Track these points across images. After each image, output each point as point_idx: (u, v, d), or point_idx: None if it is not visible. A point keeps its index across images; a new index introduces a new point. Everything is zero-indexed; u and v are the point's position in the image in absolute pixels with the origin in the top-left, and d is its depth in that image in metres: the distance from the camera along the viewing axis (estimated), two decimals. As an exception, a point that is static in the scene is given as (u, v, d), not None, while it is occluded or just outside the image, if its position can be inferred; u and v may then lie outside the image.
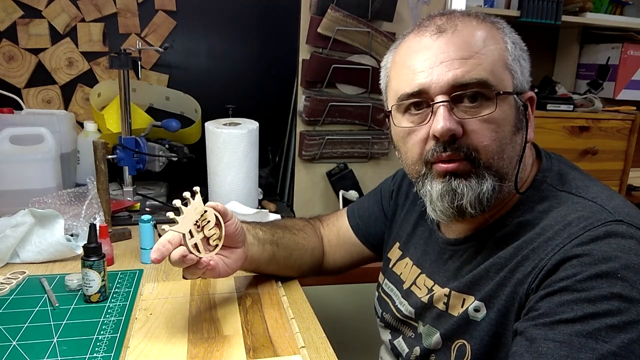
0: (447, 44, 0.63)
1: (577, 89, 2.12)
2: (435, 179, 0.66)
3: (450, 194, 0.64)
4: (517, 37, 0.68)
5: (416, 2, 1.52)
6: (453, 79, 0.62)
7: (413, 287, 0.79)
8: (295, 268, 0.94)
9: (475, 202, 0.64)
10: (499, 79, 0.63)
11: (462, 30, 0.64)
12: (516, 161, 0.66)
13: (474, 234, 0.71)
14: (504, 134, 0.64)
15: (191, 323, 0.77)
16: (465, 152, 0.63)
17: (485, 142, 0.63)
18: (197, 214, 0.71)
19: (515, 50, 0.66)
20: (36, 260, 0.99)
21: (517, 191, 0.67)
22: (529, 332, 0.56)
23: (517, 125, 0.65)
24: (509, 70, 0.65)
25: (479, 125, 0.63)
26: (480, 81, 0.62)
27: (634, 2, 2.07)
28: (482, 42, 0.64)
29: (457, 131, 0.62)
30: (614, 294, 0.53)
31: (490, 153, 0.63)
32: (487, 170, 0.64)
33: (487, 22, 0.67)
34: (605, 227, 0.57)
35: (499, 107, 0.63)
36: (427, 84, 0.64)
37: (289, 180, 1.62)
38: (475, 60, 0.63)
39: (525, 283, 0.60)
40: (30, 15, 1.44)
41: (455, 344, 0.68)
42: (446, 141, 0.63)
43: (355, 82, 1.53)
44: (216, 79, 1.62)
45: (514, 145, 0.65)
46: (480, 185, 0.64)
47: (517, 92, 0.66)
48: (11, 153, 1.18)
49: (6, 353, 0.69)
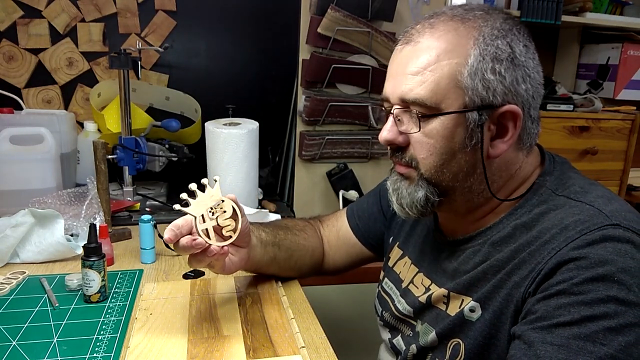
0: (407, 56, 0.66)
1: (577, 89, 2.12)
2: (392, 175, 0.73)
3: (396, 192, 0.72)
4: (505, 46, 0.64)
5: (416, 2, 1.52)
6: (400, 93, 0.66)
7: (410, 286, 0.80)
8: (295, 269, 0.94)
9: (411, 206, 0.70)
10: (441, 97, 0.64)
11: (423, 43, 0.65)
12: (464, 176, 0.67)
13: (472, 235, 0.72)
14: (443, 150, 0.65)
15: (191, 323, 0.77)
16: (407, 160, 0.69)
17: (422, 155, 0.67)
18: (212, 201, 0.71)
19: (483, 63, 0.63)
20: (36, 260, 0.99)
21: (498, 199, 0.69)
22: (526, 335, 0.56)
23: (465, 142, 0.65)
24: (460, 87, 0.63)
25: (419, 138, 0.66)
26: (417, 101, 0.64)
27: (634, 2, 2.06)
28: (436, 57, 0.63)
29: (396, 141, 0.68)
30: (610, 297, 0.53)
31: (428, 166, 0.67)
32: (426, 181, 0.68)
33: (461, 30, 0.64)
34: (602, 231, 0.58)
35: (440, 122, 0.64)
36: (387, 93, 0.69)
37: (289, 180, 1.62)
38: (420, 78, 0.64)
39: (522, 286, 0.60)
40: (30, 15, 1.44)
41: (451, 342, 0.68)
42: (393, 149, 0.70)
43: (355, 82, 1.53)
44: (216, 79, 1.62)
45: (459, 161, 0.66)
46: (415, 192, 0.69)
47: (471, 108, 0.63)
48: (11, 153, 1.18)
49: (6, 353, 0.69)
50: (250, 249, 0.82)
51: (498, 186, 0.69)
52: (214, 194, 0.71)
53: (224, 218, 0.72)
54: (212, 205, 0.71)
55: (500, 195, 0.69)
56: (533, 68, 0.66)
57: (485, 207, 0.71)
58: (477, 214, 0.72)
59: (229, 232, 0.72)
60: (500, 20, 0.66)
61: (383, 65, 1.52)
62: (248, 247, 0.81)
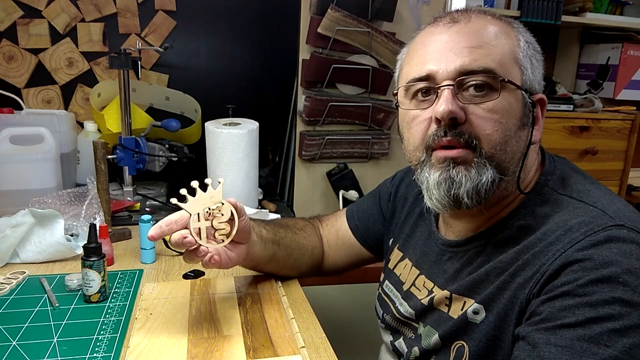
0: (459, 33, 0.65)
1: (577, 89, 2.12)
2: (435, 166, 0.65)
3: (447, 182, 0.64)
4: (532, 39, 0.69)
5: (416, 2, 1.52)
6: (460, 65, 0.63)
7: (413, 289, 0.79)
8: (294, 268, 0.94)
9: (472, 192, 0.63)
10: (507, 70, 0.64)
11: (475, 22, 0.66)
12: (519, 157, 0.66)
13: (474, 235, 0.71)
14: (507, 126, 0.63)
15: (191, 323, 0.77)
16: (466, 139, 0.62)
17: (487, 131, 0.62)
18: (211, 202, 0.71)
19: (528, 49, 0.66)
20: (36, 260, 0.99)
21: (520, 191, 0.67)
22: (530, 336, 0.56)
23: (523, 120, 0.65)
24: (519, 65, 0.65)
25: (483, 113, 0.62)
26: (486, 69, 0.62)
27: (634, 2, 2.07)
28: (494, 35, 0.65)
29: (458, 115, 0.62)
30: (615, 298, 0.53)
31: (492, 143, 0.63)
32: (489, 160, 0.63)
33: (502, 20, 0.68)
34: (606, 231, 0.57)
35: (505, 97, 0.63)
36: (435, 69, 0.64)
37: (289, 180, 1.62)
38: (485, 50, 0.63)
39: (526, 288, 0.60)
40: (30, 15, 1.44)
41: (455, 345, 0.68)
42: (448, 125, 0.62)
43: (355, 82, 1.53)
44: (216, 79, 1.62)
45: (518, 140, 0.65)
46: (479, 175, 0.63)
47: (525, 88, 0.65)
48: (11, 153, 1.18)
49: (6, 353, 0.69)
50: (250, 246, 0.81)
51: (523, 177, 0.68)
52: (214, 195, 0.71)
53: (220, 221, 0.72)
54: (210, 206, 0.71)
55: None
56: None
57: (504, 201, 0.69)
58: (493, 210, 0.69)
59: (221, 235, 0.72)
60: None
61: (383, 65, 1.52)
62: (247, 244, 0.81)
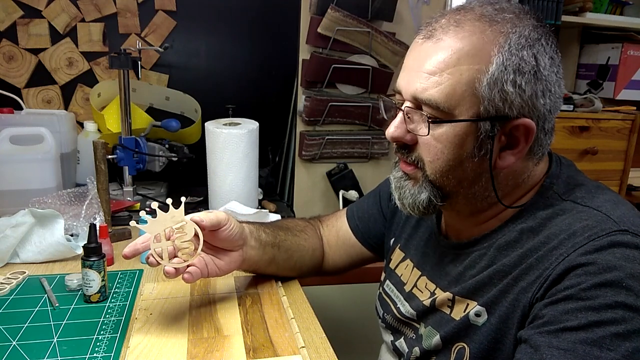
0: (426, 52, 0.63)
1: (577, 89, 2.12)
2: (396, 173, 0.72)
3: (398, 191, 0.71)
4: (529, 57, 0.60)
5: (416, 2, 1.52)
6: (414, 91, 0.63)
7: (415, 290, 0.79)
8: (295, 269, 0.94)
9: (413, 206, 0.69)
10: (455, 104, 0.61)
11: (445, 41, 0.62)
12: (468, 184, 0.66)
13: (476, 238, 0.71)
14: (450, 156, 0.64)
15: (191, 323, 0.77)
16: (412, 160, 0.68)
17: (429, 158, 0.66)
18: (173, 222, 0.71)
19: (504, 74, 0.60)
20: (36, 260, 0.99)
21: (505, 205, 0.68)
22: (533, 339, 0.56)
23: (474, 151, 0.64)
24: (477, 95, 0.61)
25: (428, 140, 0.65)
26: (430, 102, 0.62)
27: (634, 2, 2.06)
28: (456, 60, 0.60)
29: (403, 140, 0.67)
30: (618, 302, 0.53)
31: (433, 169, 0.66)
32: (430, 183, 0.67)
33: (487, 34, 0.61)
34: (610, 236, 0.57)
35: (452, 128, 0.63)
36: (400, 87, 0.67)
37: (289, 180, 1.62)
38: (437, 79, 0.61)
39: (529, 292, 0.60)
40: (30, 15, 1.44)
41: (455, 346, 0.68)
42: (398, 145, 0.69)
43: (355, 82, 1.53)
44: (216, 79, 1.62)
45: (465, 170, 0.65)
46: (419, 193, 0.68)
47: (485, 117, 0.61)
48: (11, 153, 1.18)
49: (6, 353, 0.69)
50: (246, 251, 0.82)
51: (504, 193, 0.68)
52: (175, 215, 0.71)
53: (183, 240, 0.71)
54: (171, 226, 0.71)
55: (506, 201, 0.68)
56: (555, 82, 0.64)
57: (489, 212, 0.70)
58: (480, 218, 0.71)
59: (184, 255, 0.72)
60: (530, 27, 0.62)
61: (383, 65, 1.52)
62: (241, 249, 0.81)
